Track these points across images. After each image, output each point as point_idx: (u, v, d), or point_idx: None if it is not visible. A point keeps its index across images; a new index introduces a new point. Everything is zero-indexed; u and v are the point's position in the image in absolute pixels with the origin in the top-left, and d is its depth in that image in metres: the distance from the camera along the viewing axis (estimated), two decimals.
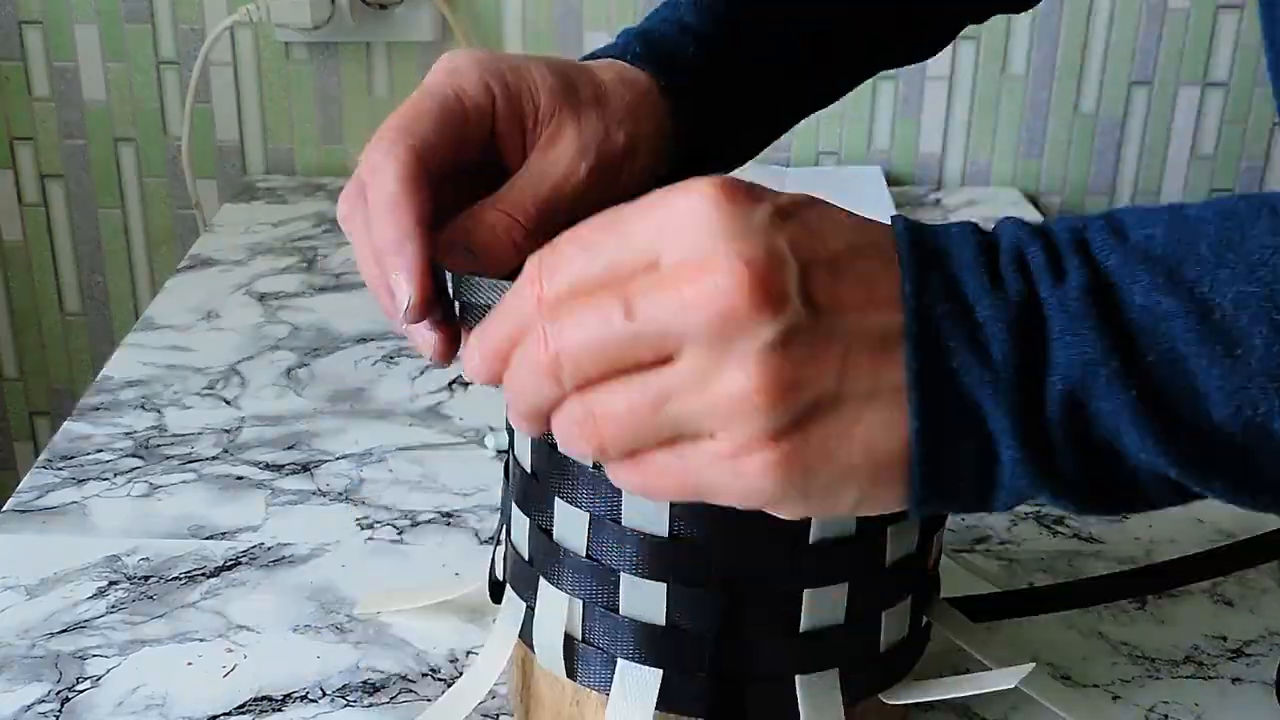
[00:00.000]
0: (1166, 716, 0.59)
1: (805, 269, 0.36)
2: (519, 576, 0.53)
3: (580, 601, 0.50)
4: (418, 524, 0.72)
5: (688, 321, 0.36)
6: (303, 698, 0.59)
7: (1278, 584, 0.68)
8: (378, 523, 0.72)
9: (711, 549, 0.47)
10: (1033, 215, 1.26)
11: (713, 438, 0.37)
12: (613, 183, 0.53)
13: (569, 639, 0.50)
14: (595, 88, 0.53)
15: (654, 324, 0.36)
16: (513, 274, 0.44)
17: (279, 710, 0.58)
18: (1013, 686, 0.51)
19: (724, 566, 0.47)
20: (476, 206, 0.49)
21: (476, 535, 0.71)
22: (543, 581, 0.51)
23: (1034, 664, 0.51)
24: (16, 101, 1.27)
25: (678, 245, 0.36)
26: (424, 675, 0.60)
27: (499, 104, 0.51)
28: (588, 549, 0.49)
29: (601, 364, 0.37)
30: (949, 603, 0.56)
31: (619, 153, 0.53)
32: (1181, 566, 0.64)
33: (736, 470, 0.37)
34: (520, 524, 0.52)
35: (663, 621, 0.48)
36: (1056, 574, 0.69)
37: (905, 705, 0.56)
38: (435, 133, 0.48)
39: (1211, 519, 0.74)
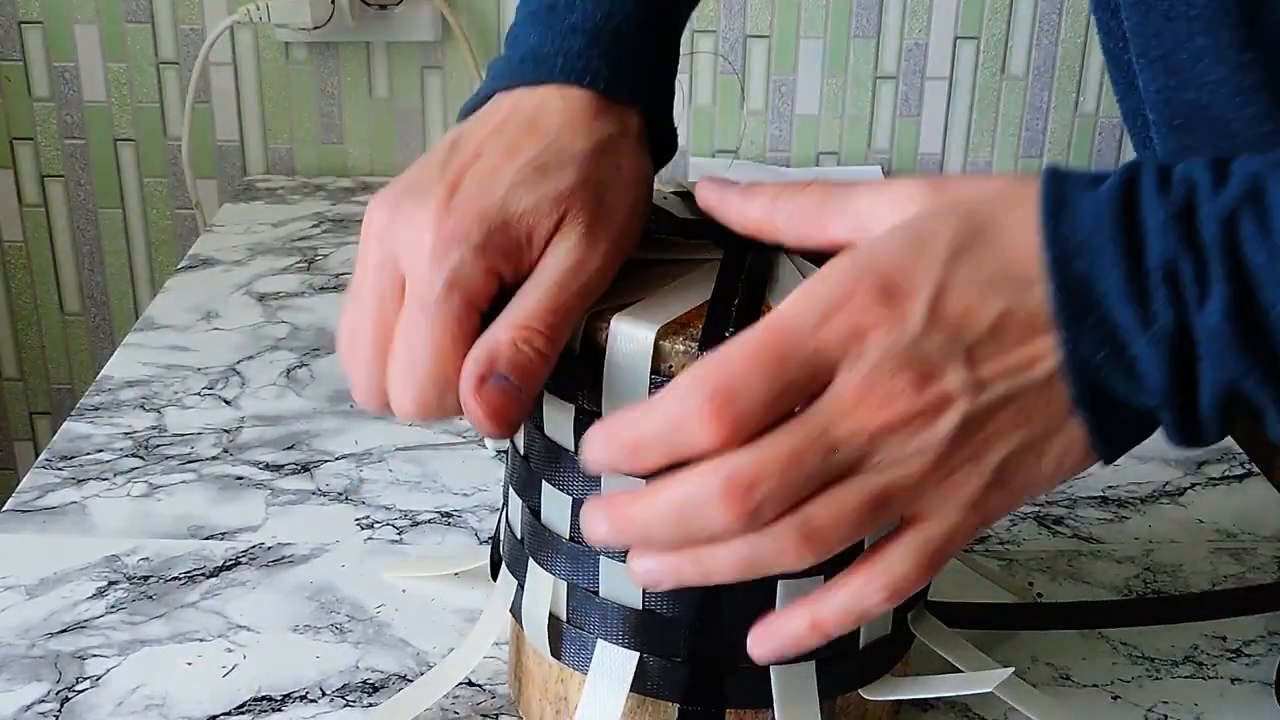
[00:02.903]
0: (1166, 716, 0.59)
1: (969, 354, 0.39)
2: (513, 555, 0.54)
3: (564, 583, 0.51)
4: (417, 524, 0.72)
5: (879, 442, 0.39)
6: (302, 698, 0.59)
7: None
8: (377, 523, 0.72)
9: None
10: None
11: (923, 520, 0.41)
12: (627, 233, 0.49)
13: (553, 619, 0.51)
14: (588, 180, 0.48)
15: (851, 450, 0.39)
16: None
17: (279, 710, 0.58)
18: (989, 690, 0.52)
19: None
20: (488, 333, 0.45)
21: (476, 535, 0.71)
22: (531, 562, 0.52)
23: (1012, 669, 0.52)
24: (16, 101, 1.27)
25: (852, 366, 0.39)
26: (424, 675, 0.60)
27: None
28: (571, 531, 0.50)
29: (801, 491, 0.40)
30: (928, 608, 0.56)
31: (622, 212, 0.49)
32: (1172, 604, 0.66)
33: (953, 537, 0.41)
34: (515, 505, 0.53)
35: (639, 606, 0.49)
36: (1056, 573, 0.69)
37: (893, 702, 0.56)
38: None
39: (1211, 519, 0.74)
